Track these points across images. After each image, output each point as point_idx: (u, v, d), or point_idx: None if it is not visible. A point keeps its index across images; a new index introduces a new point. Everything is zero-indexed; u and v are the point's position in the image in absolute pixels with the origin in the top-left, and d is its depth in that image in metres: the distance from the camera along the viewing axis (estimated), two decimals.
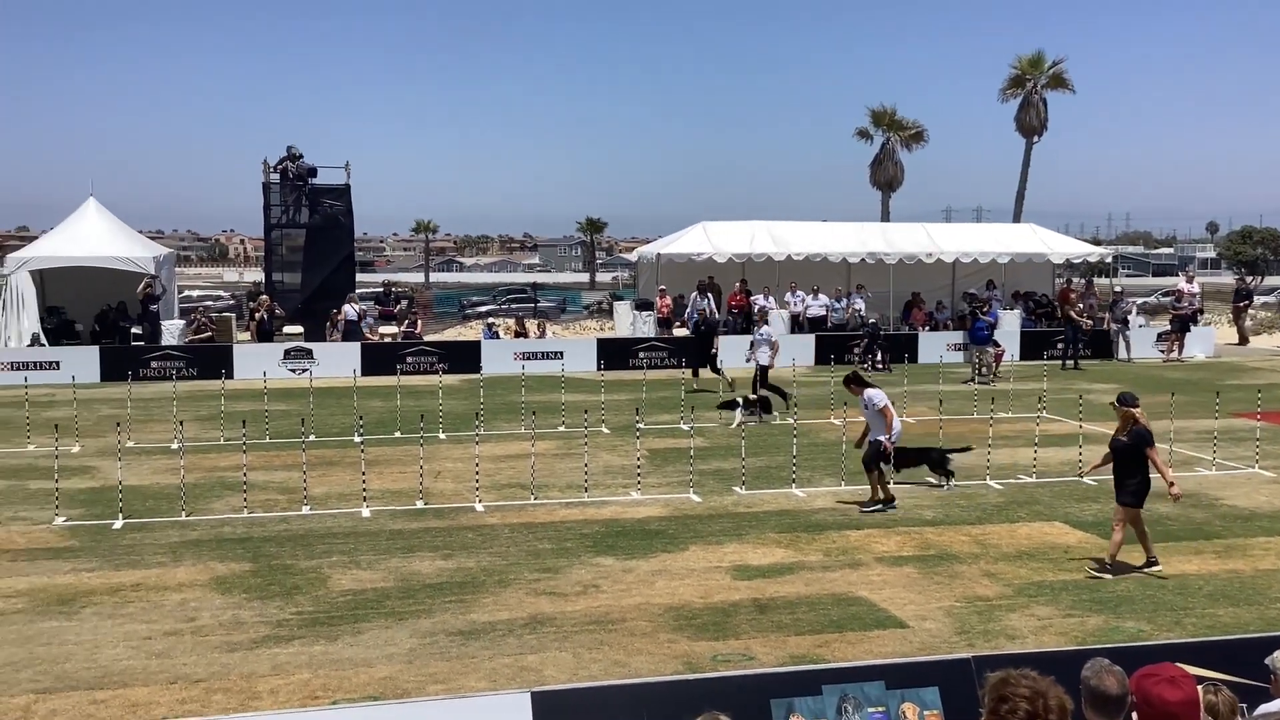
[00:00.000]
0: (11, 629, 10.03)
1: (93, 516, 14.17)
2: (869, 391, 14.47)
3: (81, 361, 27.18)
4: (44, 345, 29.35)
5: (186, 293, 49.17)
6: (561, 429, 20.46)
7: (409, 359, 29.27)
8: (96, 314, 31.88)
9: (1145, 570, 11.75)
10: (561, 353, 30.04)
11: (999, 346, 29.00)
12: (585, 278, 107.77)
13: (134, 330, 31.03)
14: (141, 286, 30.43)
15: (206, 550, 12.66)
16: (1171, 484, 11.53)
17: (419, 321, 35.32)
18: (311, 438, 18.91)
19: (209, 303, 49.33)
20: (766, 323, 24.22)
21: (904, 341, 31.92)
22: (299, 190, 35.26)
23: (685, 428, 20.18)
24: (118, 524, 13.72)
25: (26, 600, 10.85)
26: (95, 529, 13.57)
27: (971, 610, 10.66)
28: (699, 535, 13.40)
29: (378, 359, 28.92)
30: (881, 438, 14.32)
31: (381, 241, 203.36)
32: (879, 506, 14.43)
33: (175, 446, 18.41)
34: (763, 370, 22.92)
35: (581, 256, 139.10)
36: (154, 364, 27.86)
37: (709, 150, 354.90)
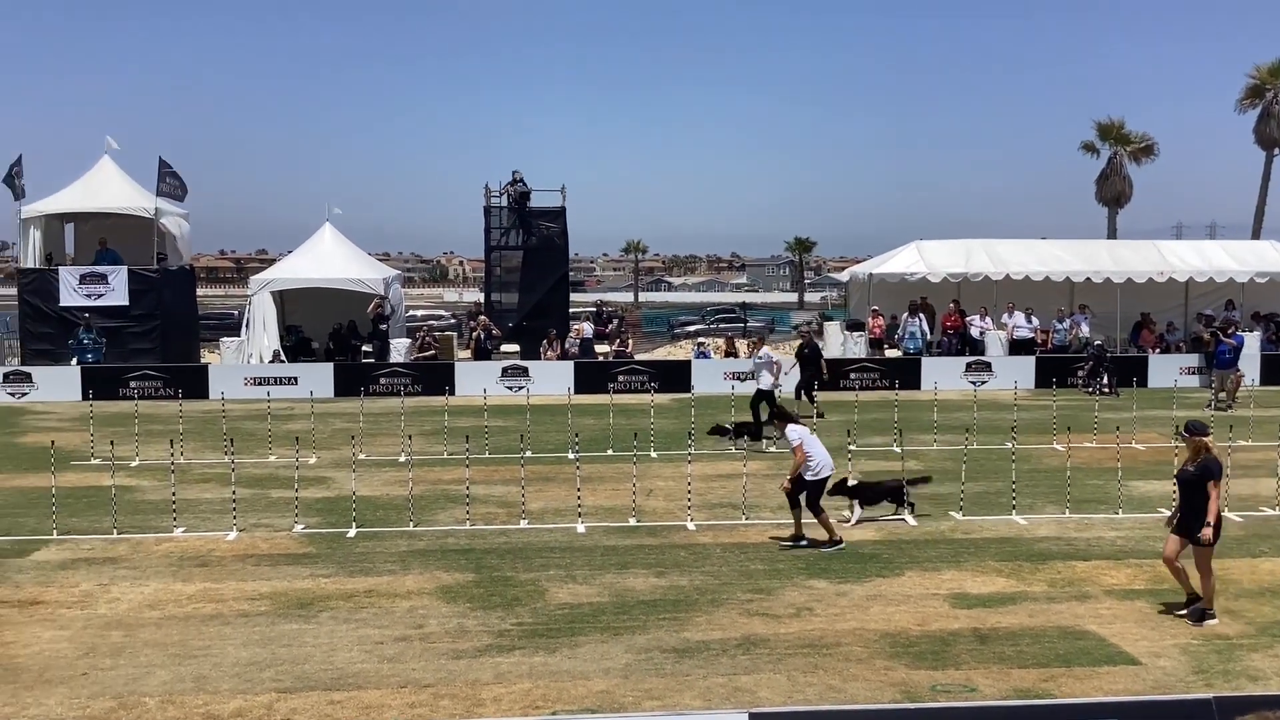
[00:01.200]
0: (256, 630, 10.67)
1: (328, 525, 14.95)
2: (789, 428, 13.79)
3: (317, 377, 28.76)
4: (283, 362, 31.17)
5: (411, 312, 51.32)
6: (772, 450, 20.39)
7: (620, 377, 29.76)
8: (330, 332, 33.65)
9: (1188, 619, 10.86)
10: None
11: (1239, 371, 27.38)
12: (794, 297, 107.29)
13: (364, 348, 32.61)
14: (372, 306, 31.99)
15: (432, 560, 13.17)
16: (1206, 525, 10.49)
17: (630, 340, 35.89)
18: (528, 454, 19.44)
19: (431, 322, 51.43)
20: (765, 345, 23.97)
21: (1133, 365, 30.47)
22: (517, 213, 36.39)
23: (897, 450, 19.81)
24: (351, 532, 14.43)
25: (269, 603, 11.53)
26: (331, 537, 14.31)
27: (1210, 649, 10.08)
28: (914, 560, 13.13)
29: (590, 377, 29.50)
30: (808, 476, 13.48)
31: (592, 262, 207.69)
32: (836, 546, 13.51)
33: (402, 459, 19.25)
34: (761, 394, 21.94)
35: (790, 276, 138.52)
36: (382, 380, 29.21)
37: (923, 166, 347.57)
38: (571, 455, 18.66)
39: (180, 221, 34.26)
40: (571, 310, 39.03)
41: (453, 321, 54.49)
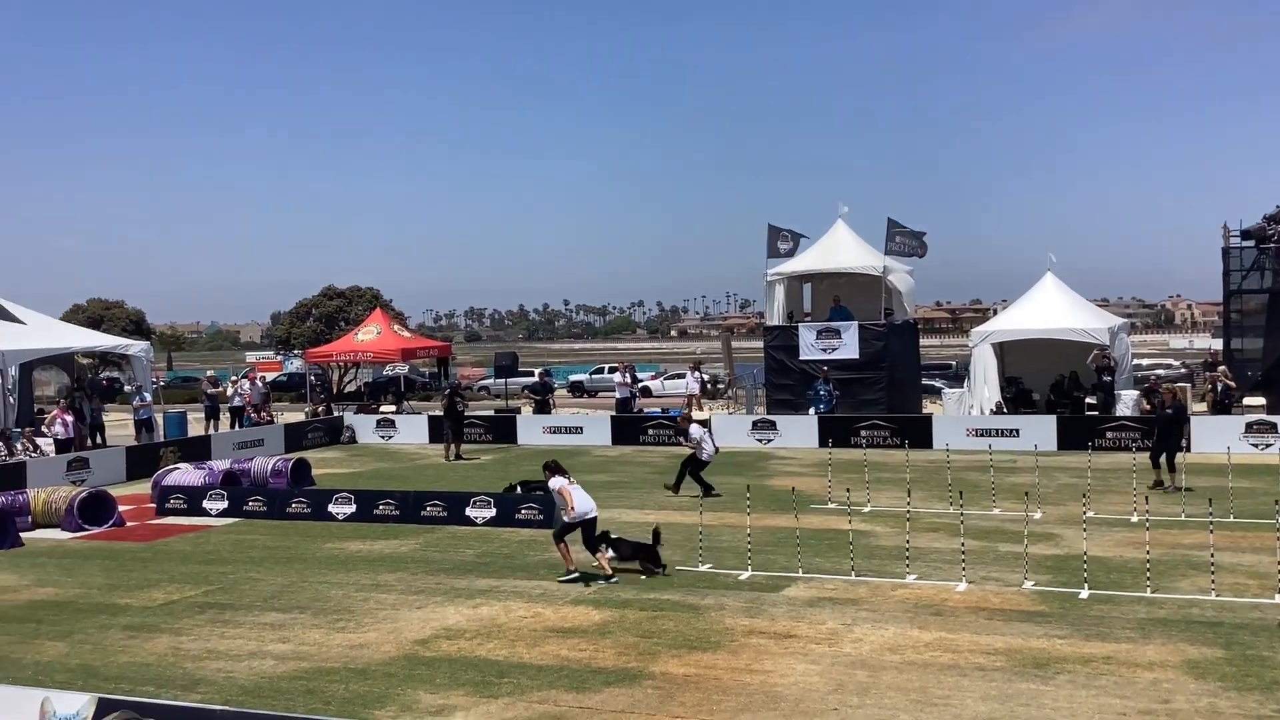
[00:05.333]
0: (993, 685, 10.72)
1: (1058, 584, 14.62)
2: (552, 479, 15.59)
3: (1040, 430, 28.31)
4: (1004, 413, 31.17)
5: (1136, 362, 48.74)
6: None
7: None
8: (1051, 384, 33.07)
9: None
10: None
11: None
12: None
13: (1088, 400, 31.57)
14: (1092, 357, 30.92)
15: (1175, 630, 12.33)
16: None
17: None
18: None
19: (1159, 372, 48.41)
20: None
21: None
22: (1266, 253, 33.13)
23: None
24: (1083, 593, 13.98)
25: (1004, 659, 11.52)
26: (1062, 596, 13.98)
27: None
28: None
29: None
30: (565, 517, 15.38)
31: None
32: (573, 575, 15.41)
33: (1135, 520, 18.30)
34: (696, 462, 22.45)
35: None
36: (1109, 434, 28.02)
37: None
38: None
39: (906, 278, 35.84)
40: None
41: (1184, 371, 50.83)
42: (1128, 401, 30.41)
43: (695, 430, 22.77)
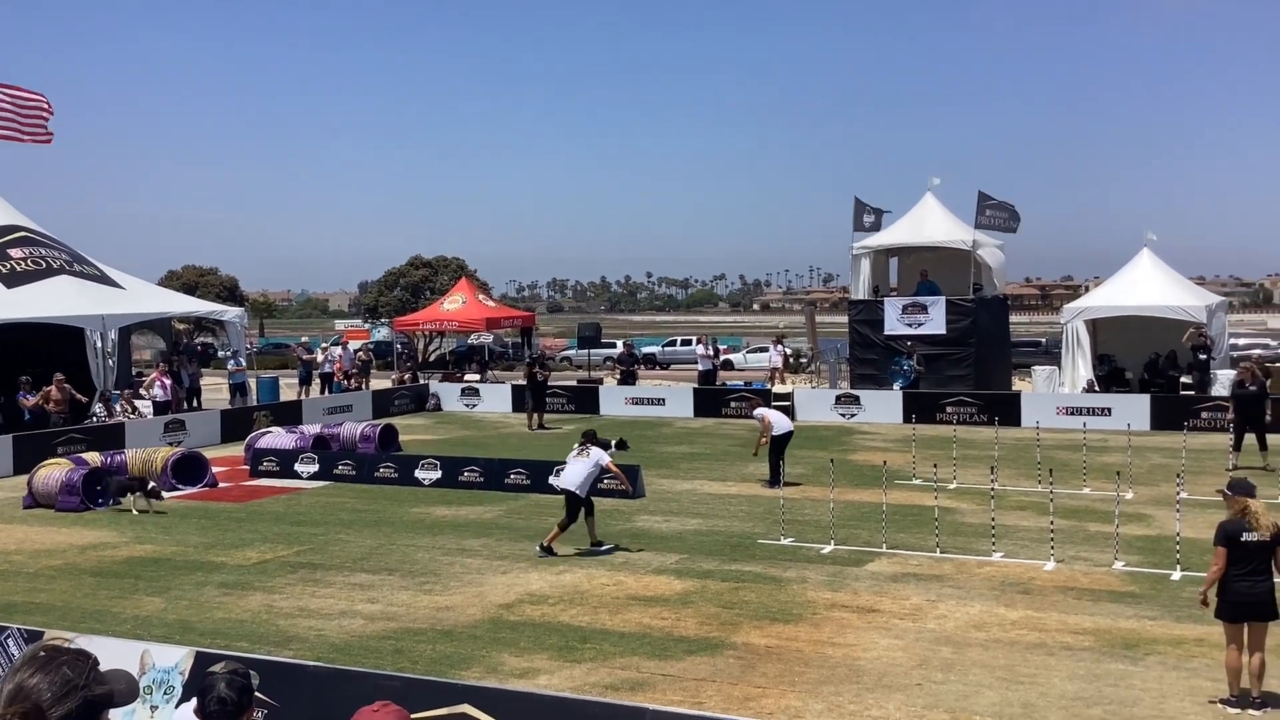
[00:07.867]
0: (1081, 665, 10.58)
1: (1149, 564, 14.35)
2: (594, 449, 15.76)
3: (1132, 409, 27.73)
4: (1096, 391, 30.56)
5: (1232, 341, 47.39)
6: None
7: None
8: (1145, 362, 32.35)
9: None
10: None
11: None
12: None
13: (1183, 380, 30.85)
14: (1188, 335, 30.18)
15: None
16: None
17: None
18: None
19: (1256, 351, 47.03)
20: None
21: None
22: None
23: None
24: (1175, 575, 13.70)
25: (1093, 639, 11.36)
26: (1153, 578, 13.72)
27: None
28: None
29: None
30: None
31: None
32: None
33: None
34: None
35: None
36: (1204, 415, 27.36)
37: None
38: None
39: (996, 252, 35.22)
40: None
41: None
42: (1224, 381, 29.58)
43: (759, 411, 21.84)
